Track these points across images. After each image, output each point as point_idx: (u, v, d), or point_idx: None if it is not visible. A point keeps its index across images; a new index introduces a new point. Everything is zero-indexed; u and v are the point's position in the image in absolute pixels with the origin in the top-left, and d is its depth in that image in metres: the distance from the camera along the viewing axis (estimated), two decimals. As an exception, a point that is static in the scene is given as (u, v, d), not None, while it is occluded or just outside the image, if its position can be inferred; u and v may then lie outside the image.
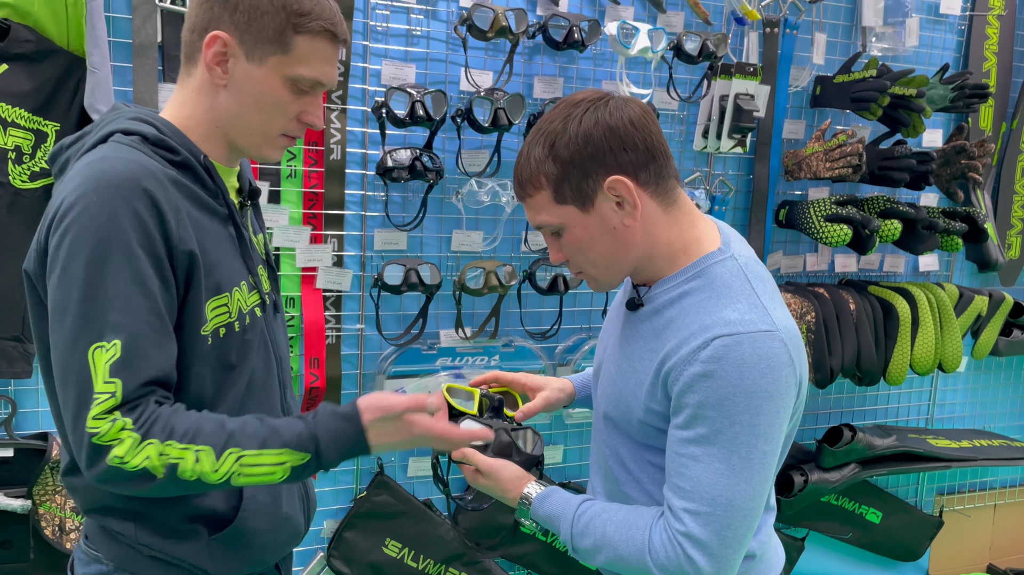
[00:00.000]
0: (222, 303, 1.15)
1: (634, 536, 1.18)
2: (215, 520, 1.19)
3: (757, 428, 1.11)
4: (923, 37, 2.79)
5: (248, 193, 1.30)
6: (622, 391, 1.26)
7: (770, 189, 2.61)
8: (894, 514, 2.99)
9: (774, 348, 1.12)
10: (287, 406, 1.32)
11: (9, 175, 1.82)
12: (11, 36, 1.77)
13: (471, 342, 2.33)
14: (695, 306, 1.17)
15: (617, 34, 2.22)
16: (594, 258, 1.23)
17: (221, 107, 1.16)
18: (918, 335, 2.65)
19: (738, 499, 1.12)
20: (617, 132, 1.15)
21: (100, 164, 1.05)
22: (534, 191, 1.20)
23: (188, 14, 1.16)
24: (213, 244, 1.15)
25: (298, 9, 1.11)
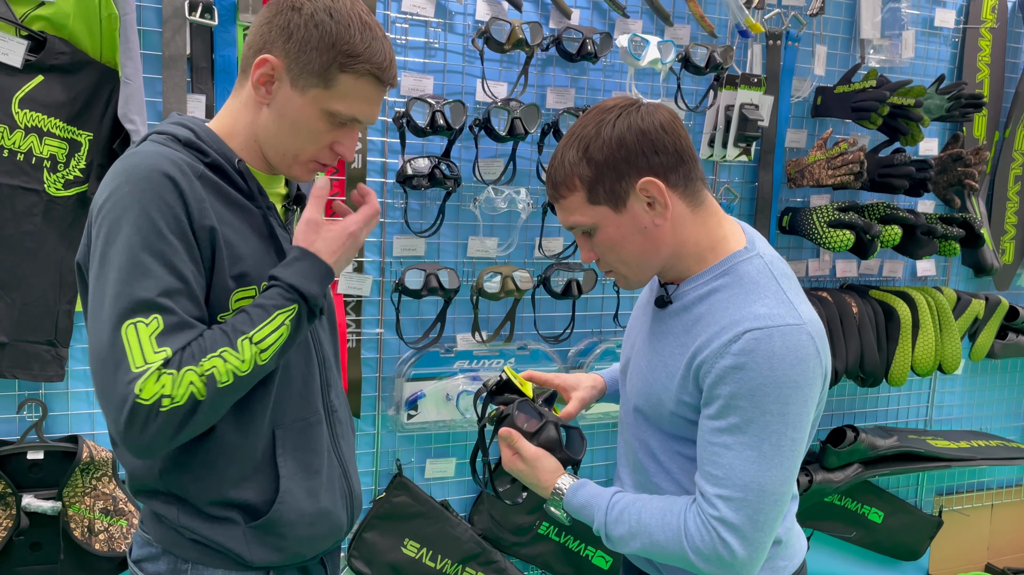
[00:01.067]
0: (249, 295, 1.19)
1: (669, 522, 1.23)
2: (251, 510, 1.23)
3: (787, 417, 1.17)
4: (919, 49, 2.88)
5: (295, 199, 1.35)
6: (653, 384, 1.31)
7: (774, 196, 2.69)
8: (895, 514, 3.05)
9: (802, 341, 1.18)
10: (330, 405, 1.34)
11: (44, 183, 1.87)
12: (47, 48, 1.83)
13: (487, 345, 2.38)
14: (724, 302, 1.23)
15: (628, 46, 2.29)
16: (625, 257, 1.28)
17: (261, 123, 1.21)
18: (919, 337, 2.72)
19: (769, 485, 1.17)
20: (648, 136, 1.21)
21: (130, 159, 1.14)
22: (568, 192, 1.26)
23: (250, 31, 1.22)
24: (240, 238, 1.19)
25: (348, 50, 1.15)
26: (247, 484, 1.22)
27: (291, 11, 1.16)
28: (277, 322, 1.14)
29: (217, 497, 1.21)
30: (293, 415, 1.26)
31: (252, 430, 1.21)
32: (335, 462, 1.34)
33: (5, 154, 1.82)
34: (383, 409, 2.35)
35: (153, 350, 1.06)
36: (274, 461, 1.24)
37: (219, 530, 1.21)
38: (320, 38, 1.14)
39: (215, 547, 1.22)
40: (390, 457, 2.38)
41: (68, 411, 2.04)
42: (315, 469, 1.28)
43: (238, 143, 1.23)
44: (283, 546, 1.25)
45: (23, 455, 1.95)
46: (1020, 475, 3.42)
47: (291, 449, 1.25)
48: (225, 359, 1.10)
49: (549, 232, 2.43)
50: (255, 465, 1.23)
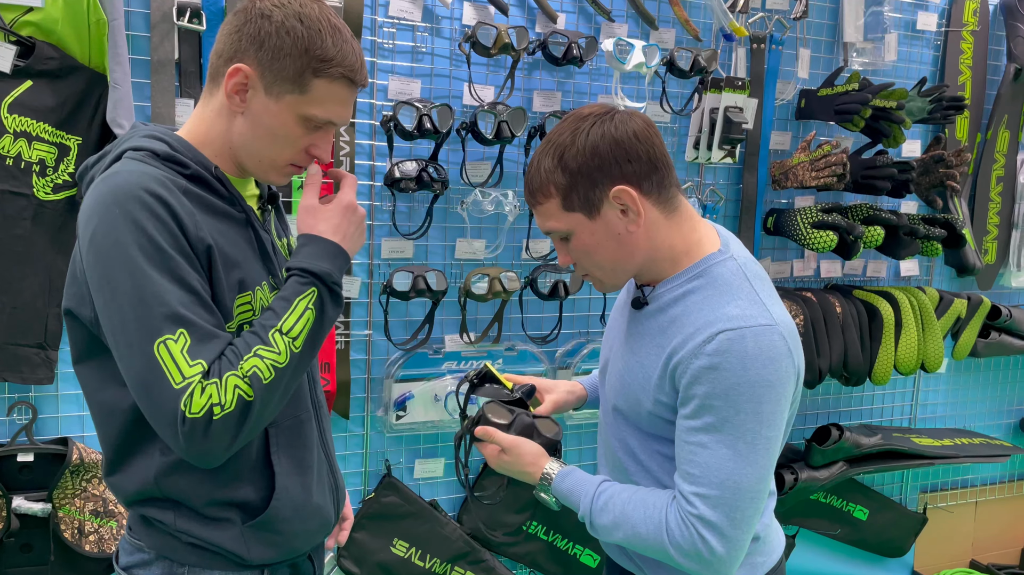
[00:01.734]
0: (246, 300, 1.21)
1: (652, 515, 1.27)
2: (248, 509, 1.24)
3: (760, 416, 1.20)
4: (901, 52, 2.91)
5: (268, 198, 1.36)
6: (630, 385, 1.34)
7: (758, 198, 2.72)
8: (880, 511, 3.08)
9: (774, 341, 1.21)
10: (317, 401, 1.37)
11: (33, 187, 1.88)
12: (36, 54, 1.84)
13: (475, 346, 2.41)
14: (699, 303, 1.26)
15: (613, 50, 2.32)
16: (600, 262, 1.32)
17: (236, 131, 1.21)
18: (901, 336, 2.76)
19: (745, 482, 1.20)
20: (622, 145, 1.24)
21: (112, 179, 1.12)
22: (544, 199, 1.29)
23: (218, 38, 1.20)
24: (231, 245, 1.20)
25: (321, 55, 1.16)
26: (243, 483, 1.23)
27: (261, 19, 1.15)
28: (300, 308, 1.16)
29: (215, 498, 1.22)
30: (285, 413, 1.27)
31: None
32: (323, 457, 1.37)
33: (-6, 159, 1.83)
34: (372, 410, 2.37)
35: (188, 364, 1.07)
36: (268, 459, 1.25)
37: (216, 531, 1.23)
38: (293, 44, 1.15)
39: (213, 549, 1.23)
40: (379, 458, 2.40)
41: (58, 414, 2.06)
42: (307, 465, 1.31)
43: (212, 151, 1.23)
44: (279, 542, 1.28)
45: (13, 457, 1.96)
46: (1003, 472, 3.46)
47: (284, 446, 1.27)
48: (262, 356, 1.12)
49: (536, 234, 2.45)
50: (251, 464, 1.24)
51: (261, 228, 1.27)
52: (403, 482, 2.40)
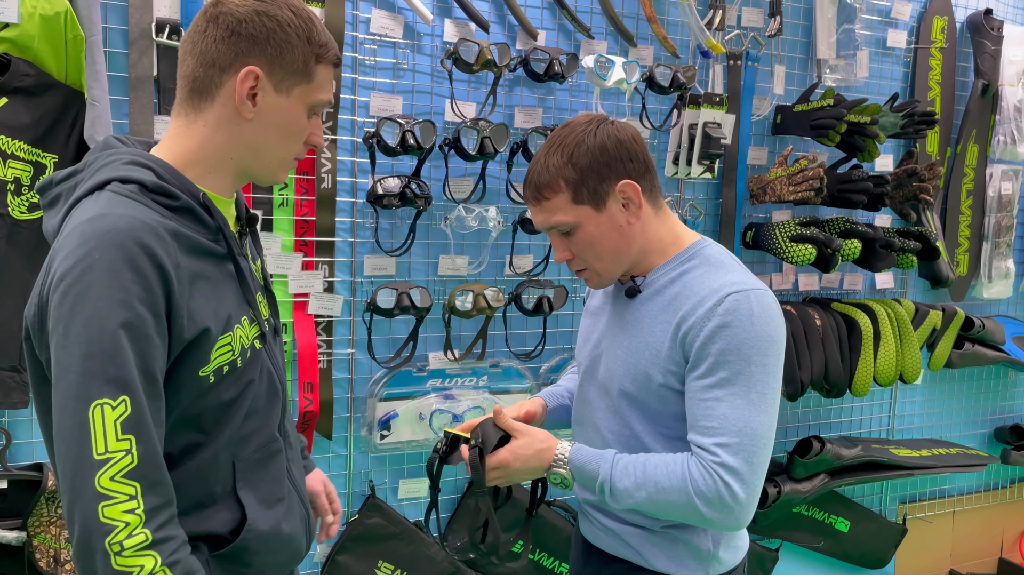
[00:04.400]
0: (226, 342, 1.15)
1: (674, 470, 1.35)
2: (215, 541, 1.19)
3: (767, 367, 1.33)
4: (872, 69, 2.97)
5: (246, 220, 1.32)
6: (638, 364, 1.43)
7: (737, 212, 2.75)
8: (861, 522, 3.11)
9: (771, 302, 1.37)
10: (284, 429, 1.32)
11: (8, 206, 1.84)
12: (11, 70, 1.81)
13: (459, 364, 2.39)
14: (699, 278, 1.40)
15: (594, 66, 2.34)
16: (601, 253, 1.43)
17: (243, 140, 1.17)
18: (880, 348, 2.79)
19: (760, 428, 1.32)
20: (624, 145, 1.40)
21: (100, 222, 1.04)
22: (552, 194, 1.41)
23: (201, 50, 1.14)
24: (216, 289, 1.15)
25: (319, 40, 1.18)
26: (212, 516, 1.18)
27: (257, 16, 1.13)
28: None
29: (185, 530, 1.14)
30: (254, 446, 1.23)
31: (212, 467, 1.17)
32: (291, 487, 1.31)
33: (-32, 177, 1.79)
34: (355, 430, 2.34)
35: (116, 438, 1.00)
36: (235, 494, 1.20)
37: None
38: (296, 35, 1.15)
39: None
40: (363, 478, 2.36)
41: (32, 439, 2.00)
42: (277, 497, 1.26)
43: (200, 171, 1.17)
44: (248, 573, 1.23)
45: (-14, 485, 1.90)
46: (980, 482, 3.51)
47: (252, 481, 1.22)
48: None
49: (520, 250, 2.45)
50: (217, 498, 1.19)
51: (241, 256, 1.23)
52: (387, 503, 2.36)
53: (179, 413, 1.12)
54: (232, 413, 1.18)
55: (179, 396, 1.11)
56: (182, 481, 1.13)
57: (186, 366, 1.10)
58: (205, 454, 1.16)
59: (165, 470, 1.06)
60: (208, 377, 1.13)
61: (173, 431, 1.12)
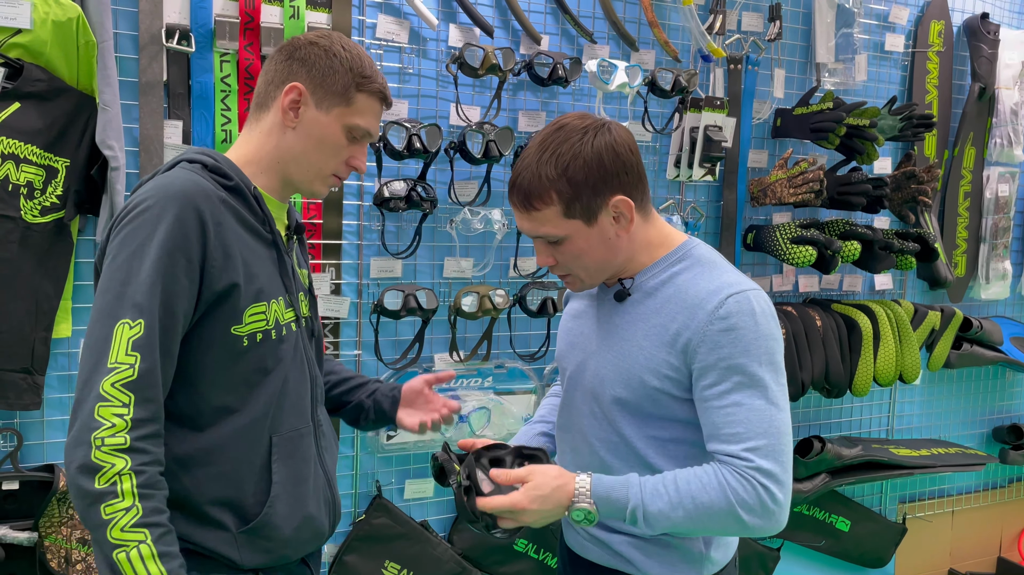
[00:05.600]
0: (260, 310, 1.30)
1: (709, 482, 1.29)
2: (244, 513, 1.30)
3: (775, 365, 1.32)
4: (871, 72, 3.01)
5: (294, 228, 1.46)
6: (631, 369, 1.38)
7: (738, 214, 2.77)
8: (861, 522, 3.12)
9: (767, 300, 1.35)
10: (317, 419, 1.44)
11: (21, 210, 1.85)
12: (24, 76, 1.83)
13: (464, 365, 2.41)
14: (692, 280, 1.36)
15: (597, 71, 2.36)
16: (587, 264, 1.39)
17: (287, 145, 1.36)
18: (880, 348, 2.82)
19: (782, 426, 1.30)
20: (621, 158, 1.34)
21: (164, 179, 1.26)
22: (542, 206, 1.34)
23: (266, 71, 1.39)
24: (254, 258, 1.31)
25: (362, 72, 1.36)
26: (244, 487, 1.30)
27: (310, 46, 1.35)
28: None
29: (216, 497, 1.28)
30: (288, 425, 1.35)
31: (253, 436, 1.30)
32: (320, 472, 1.42)
33: (-19, 181, 1.81)
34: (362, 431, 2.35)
35: (126, 352, 1.16)
36: (269, 467, 1.32)
37: (211, 535, 1.28)
38: (340, 64, 1.35)
39: (207, 553, 1.28)
40: (369, 479, 2.38)
41: (44, 440, 2.02)
42: (303, 477, 1.37)
43: (256, 170, 1.36)
44: (271, 548, 1.33)
45: (-2, 486, 1.92)
46: (979, 481, 3.53)
47: (284, 457, 1.34)
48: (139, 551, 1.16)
49: (524, 252, 2.47)
50: (253, 469, 1.31)
51: (286, 251, 1.38)
52: (394, 503, 2.38)
53: (216, 374, 1.27)
54: (266, 384, 1.31)
55: (213, 352, 1.26)
56: (219, 444, 1.28)
57: (218, 319, 1.25)
58: (241, 421, 1.29)
59: (160, 392, 1.20)
60: (242, 339, 1.27)
61: (211, 391, 1.27)
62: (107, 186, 1.93)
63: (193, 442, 1.27)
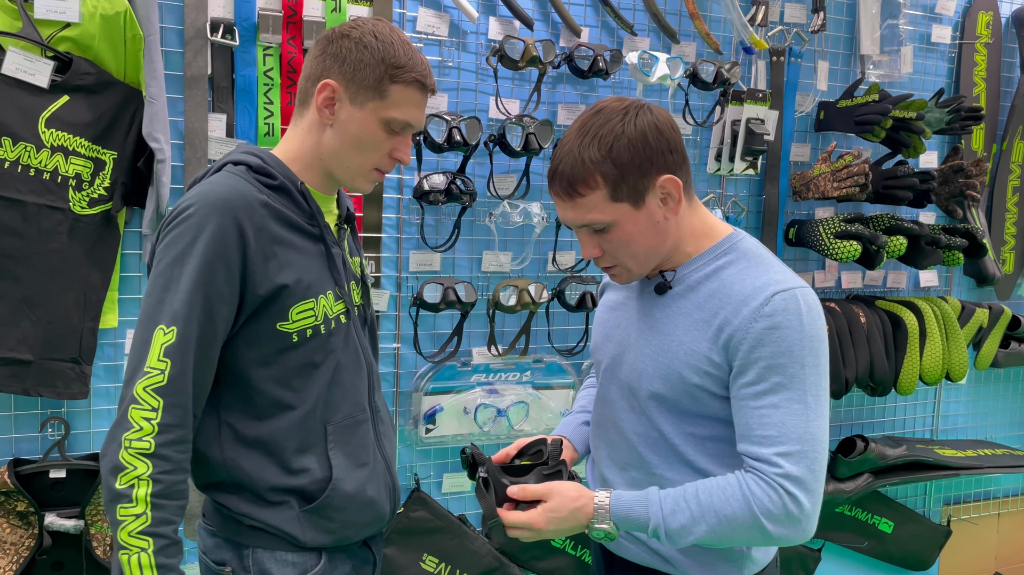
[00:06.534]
0: (308, 307, 1.32)
1: (732, 494, 1.26)
2: (306, 495, 1.34)
3: (819, 368, 1.26)
4: (916, 64, 2.94)
5: (344, 218, 1.46)
6: (670, 364, 1.34)
7: (780, 209, 2.73)
8: (905, 523, 3.06)
9: (815, 299, 1.29)
10: (375, 405, 1.46)
11: (69, 201, 1.88)
12: (73, 69, 1.86)
13: (503, 359, 2.40)
14: (737, 275, 1.31)
15: (638, 63, 2.34)
16: (636, 250, 1.33)
17: (325, 143, 1.34)
18: (926, 346, 2.76)
19: (819, 433, 1.25)
20: (664, 135, 1.29)
21: (207, 187, 1.28)
22: (588, 191, 1.28)
23: (304, 65, 1.36)
24: (300, 256, 1.32)
25: (395, 63, 1.30)
26: (302, 473, 1.34)
27: (341, 39, 1.31)
28: None
29: (275, 484, 1.32)
30: (343, 413, 1.38)
31: (305, 426, 1.33)
32: (379, 457, 1.45)
33: (32, 173, 1.84)
34: (401, 424, 2.36)
35: (158, 357, 1.20)
36: (326, 453, 1.35)
37: (275, 514, 1.33)
38: (371, 56, 1.30)
39: (272, 531, 1.33)
40: (408, 471, 2.39)
41: (90, 429, 2.05)
42: (362, 461, 1.40)
43: (301, 166, 1.36)
44: (332, 529, 1.37)
45: (46, 474, 1.95)
46: (1025, 483, 3.45)
47: (341, 443, 1.37)
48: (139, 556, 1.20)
49: (562, 246, 2.46)
50: (309, 456, 1.34)
51: (334, 244, 1.38)
52: (432, 496, 2.38)
53: (268, 370, 1.30)
54: (318, 377, 1.33)
55: (261, 347, 1.29)
56: (276, 435, 1.32)
57: (264, 317, 1.28)
58: (296, 413, 1.32)
59: (189, 399, 1.23)
60: (291, 335, 1.30)
61: (265, 386, 1.31)
62: (153, 178, 1.95)
63: (255, 430, 1.32)
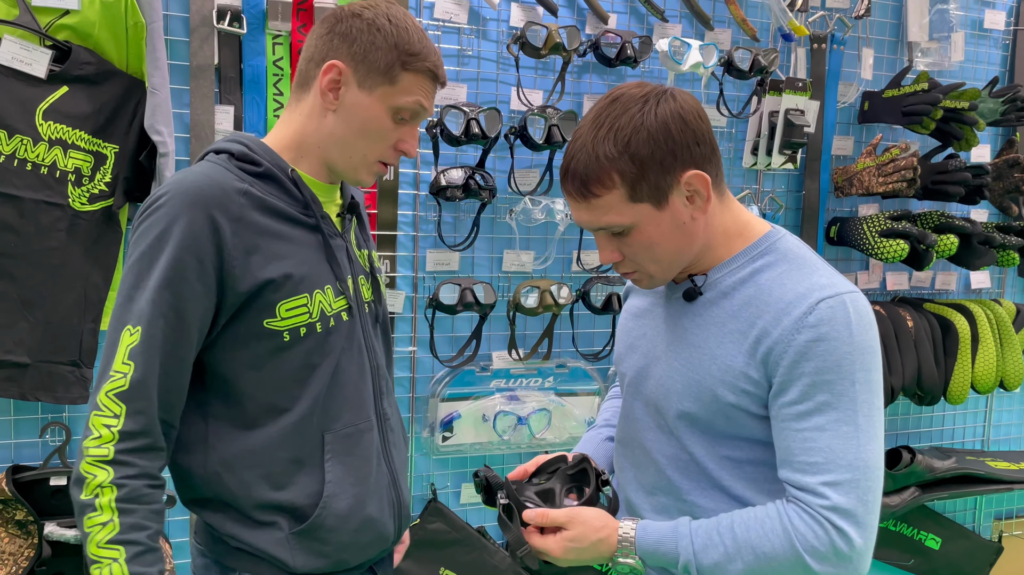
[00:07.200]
0: (300, 303, 1.21)
1: (772, 528, 1.13)
2: (297, 514, 1.23)
3: (871, 384, 1.13)
4: (968, 52, 2.78)
5: (348, 207, 1.35)
6: (702, 382, 1.20)
7: (821, 205, 2.59)
8: (954, 540, 2.91)
9: (866, 306, 1.15)
10: (383, 413, 1.34)
11: (69, 197, 1.81)
12: (72, 58, 1.78)
13: (524, 364, 2.29)
14: (777, 279, 1.16)
15: (669, 50, 2.21)
16: (660, 255, 1.19)
17: (327, 129, 1.25)
18: (979, 352, 2.60)
19: (872, 459, 1.11)
20: (691, 125, 1.14)
21: (180, 175, 1.20)
22: (603, 191, 1.14)
23: (307, 46, 1.27)
24: (291, 248, 1.22)
25: (408, 49, 1.22)
26: (293, 487, 1.23)
27: (352, 18, 1.24)
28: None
29: (263, 500, 1.22)
30: (344, 421, 1.27)
31: (300, 435, 1.23)
32: (384, 470, 1.33)
33: (28, 167, 1.76)
34: (417, 431, 2.26)
35: (122, 360, 1.13)
36: (323, 466, 1.24)
37: (262, 536, 1.23)
38: (384, 40, 1.22)
39: (259, 554, 1.23)
40: (424, 481, 2.28)
41: (92, 434, 1.97)
42: (363, 475, 1.28)
43: (295, 154, 1.27)
44: (326, 552, 1.25)
45: (46, 481, 1.88)
46: (1084, 498, 3.26)
47: (339, 454, 1.26)
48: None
49: (588, 244, 2.34)
50: (302, 468, 1.24)
51: (335, 235, 1.29)
52: (449, 507, 2.28)
53: (260, 373, 1.20)
54: (315, 379, 1.23)
55: (248, 348, 1.20)
56: (267, 445, 1.21)
57: (250, 315, 1.19)
58: (290, 419, 1.22)
59: (155, 405, 1.14)
60: (282, 334, 1.20)
61: (256, 391, 1.21)
62: (156, 173, 1.87)
63: (241, 442, 1.22)
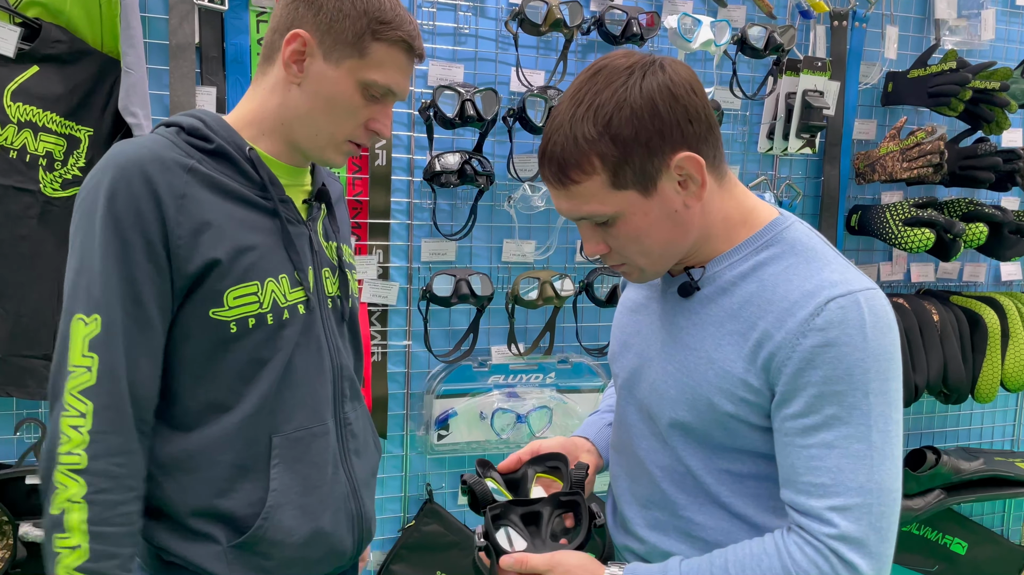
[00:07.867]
0: (250, 291, 1.13)
1: (769, 565, 1.02)
2: (236, 526, 1.14)
3: (888, 395, 1.01)
4: (999, 30, 2.63)
5: (316, 195, 1.27)
6: (697, 388, 1.08)
7: (841, 192, 2.46)
8: (980, 544, 2.79)
9: (885, 305, 1.03)
10: (343, 418, 1.24)
11: (40, 183, 1.72)
12: (42, 36, 1.69)
13: (524, 359, 2.18)
14: (782, 274, 1.05)
15: (678, 27, 2.09)
16: (649, 247, 1.07)
17: (291, 104, 1.17)
18: (1009, 348, 2.46)
19: (887, 481, 0.99)
20: (681, 101, 1.01)
21: (116, 148, 1.11)
22: (583, 177, 1.02)
23: (272, 16, 1.19)
24: (243, 231, 1.13)
25: (379, 17, 1.14)
26: (235, 495, 1.14)
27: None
28: None
29: (200, 506, 1.13)
30: (295, 423, 1.18)
31: (244, 437, 1.14)
32: (342, 479, 1.23)
33: (-4, 151, 1.68)
34: (412, 429, 2.16)
35: (81, 353, 1.04)
36: (267, 471, 1.15)
37: (196, 549, 1.13)
38: (353, 6, 1.14)
39: (192, 568, 1.14)
40: (419, 481, 2.19)
41: (70, 431, 1.89)
42: (313, 484, 1.19)
43: (255, 131, 1.19)
44: (268, 567, 1.16)
45: (21, 480, 1.81)
46: (1120, 502, 3.11)
47: (288, 460, 1.16)
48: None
49: (592, 234, 2.22)
50: (247, 475, 1.14)
51: (296, 222, 1.21)
52: (446, 508, 2.18)
53: (202, 367, 1.12)
54: (263, 376, 1.14)
55: (195, 341, 1.12)
56: (207, 446, 1.12)
57: (196, 303, 1.11)
58: (233, 419, 1.13)
59: (127, 399, 1.06)
60: (229, 325, 1.12)
61: (197, 386, 1.12)
62: (133, 158, 1.78)
63: (178, 443, 1.13)
